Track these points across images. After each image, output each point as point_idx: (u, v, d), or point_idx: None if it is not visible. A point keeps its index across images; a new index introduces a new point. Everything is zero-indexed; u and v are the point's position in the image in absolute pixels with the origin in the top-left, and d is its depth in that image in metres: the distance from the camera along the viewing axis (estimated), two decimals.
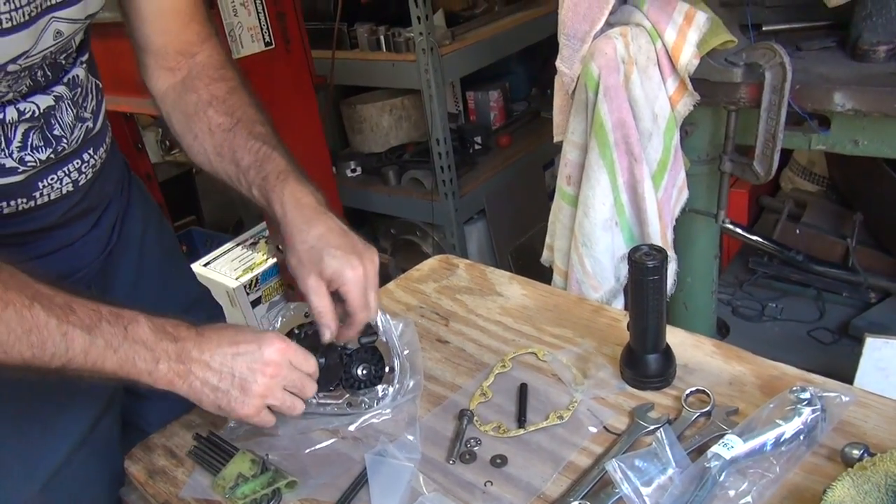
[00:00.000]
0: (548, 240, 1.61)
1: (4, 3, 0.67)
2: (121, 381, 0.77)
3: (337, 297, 0.89)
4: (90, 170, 0.91)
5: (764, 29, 1.52)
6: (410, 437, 0.88)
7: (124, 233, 1.02)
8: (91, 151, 0.91)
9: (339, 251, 0.86)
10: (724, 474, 0.73)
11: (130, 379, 0.76)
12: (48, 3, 0.73)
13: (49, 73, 0.82)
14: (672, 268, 1.53)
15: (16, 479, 0.91)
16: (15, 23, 0.69)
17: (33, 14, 0.71)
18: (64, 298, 0.73)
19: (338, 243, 0.87)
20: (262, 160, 0.91)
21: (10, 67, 0.72)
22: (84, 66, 0.89)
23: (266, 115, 0.97)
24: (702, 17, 1.32)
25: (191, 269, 1.25)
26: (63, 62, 0.84)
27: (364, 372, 0.96)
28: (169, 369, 0.78)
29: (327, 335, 0.89)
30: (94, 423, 0.98)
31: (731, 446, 0.74)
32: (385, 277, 1.67)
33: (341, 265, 0.86)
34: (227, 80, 0.97)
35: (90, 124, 0.90)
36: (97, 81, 0.94)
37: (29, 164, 0.82)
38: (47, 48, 0.76)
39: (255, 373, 0.81)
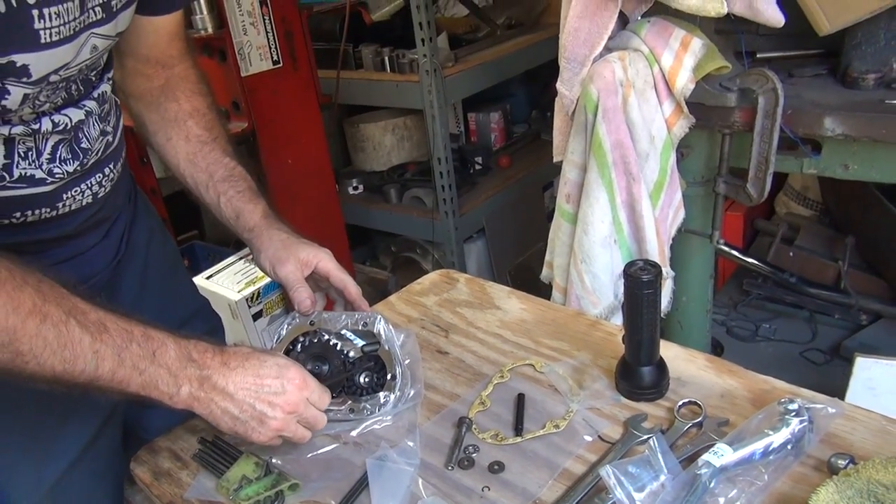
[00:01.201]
0: (547, 257, 1.64)
1: (56, 18, 0.72)
2: (141, 399, 0.79)
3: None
4: (109, 183, 0.94)
5: (758, 56, 1.56)
6: (410, 444, 0.90)
7: (131, 243, 1.05)
8: (112, 165, 0.95)
9: (310, 244, 1.04)
10: (714, 482, 0.76)
11: (151, 399, 0.79)
12: (90, 20, 0.78)
13: (81, 88, 0.86)
14: (668, 285, 1.56)
15: (26, 481, 0.93)
16: (62, 36, 0.74)
17: (77, 29, 0.76)
18: (98, 315, 0.75)
19: (307, 241, 1.05)
20: (238, 177, 1.06)
21: (52, 78, 0.76)
22: (110, 82, 0.93)
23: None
24: (697, 44, 1.36)
25: (192, 280, 1.29)
26: (92, 78, 0.88)
27: (366, 379, 0.99)
28: (190, 395, 0.81)
29: (307, 303, 1.00)
30: (100, 428, 1.00)
31: (722, 454, 0.76)
32: (385, 294, 1.69)
33: (315, 250, 1.03)
34: (204, 95, 1.09)
35: (110, 138, 0.94)
36: (117, 98, 0.98)
37: (57, 175, 0.85)
38: (83, 61, 0.80)
39: (275, 408, 0.84)
